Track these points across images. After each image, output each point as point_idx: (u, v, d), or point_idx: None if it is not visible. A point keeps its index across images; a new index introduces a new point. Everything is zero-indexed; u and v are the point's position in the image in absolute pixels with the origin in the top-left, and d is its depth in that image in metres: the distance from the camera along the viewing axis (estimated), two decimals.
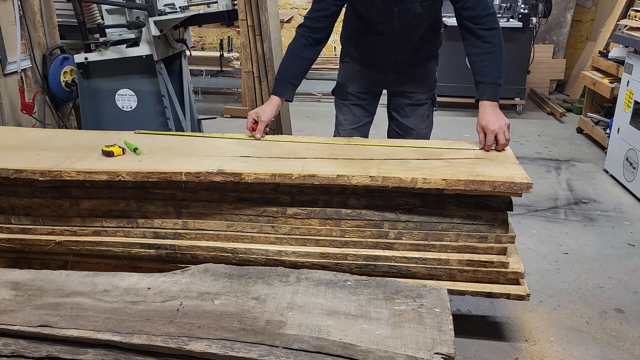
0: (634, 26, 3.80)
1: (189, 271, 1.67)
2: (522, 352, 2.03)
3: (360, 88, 2.44)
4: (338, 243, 1.87)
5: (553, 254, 2.78)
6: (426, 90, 2.42)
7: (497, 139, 2.03)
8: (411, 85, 2.40)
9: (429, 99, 2.44)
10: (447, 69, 5.52)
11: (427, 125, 2.47)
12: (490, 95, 2.07)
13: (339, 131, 2.50)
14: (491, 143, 2.03)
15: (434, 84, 2.46)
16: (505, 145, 2.05)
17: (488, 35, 2.07)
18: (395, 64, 2.36)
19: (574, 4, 6.42)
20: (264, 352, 1.31)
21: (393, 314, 1.47)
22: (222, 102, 5.94)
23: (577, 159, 4.27)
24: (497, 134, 2.02)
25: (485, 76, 2.08)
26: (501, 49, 2.09)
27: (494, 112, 2.04)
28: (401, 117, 2.45)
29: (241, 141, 2.15)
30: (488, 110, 2.04)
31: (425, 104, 2.43)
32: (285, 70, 2.23)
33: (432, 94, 2.45)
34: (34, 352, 1.37)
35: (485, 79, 2.08)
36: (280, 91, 2.22)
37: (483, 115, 2.05)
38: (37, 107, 3.22)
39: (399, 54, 2.32)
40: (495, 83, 2.07)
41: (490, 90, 2.07)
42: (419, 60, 2.38)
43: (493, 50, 2.07)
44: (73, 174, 1.84)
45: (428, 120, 2.47)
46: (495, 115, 2.04)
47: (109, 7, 3.06)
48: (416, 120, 2.44)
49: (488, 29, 2.07)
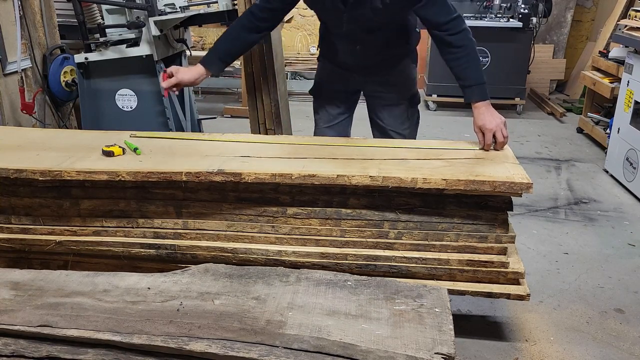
0: (634, 26, 3.80)
1: (189, 271, 1.67)
2: (522, 352, 2.03)
3: (334, 87, 2.44)
4: (338, 243, 1.87)
5: (553, 254, 2.78)
6: (401, 90, 2.38)
7: (495, 138, 2.03)
8: (384, 87, 2.37)
9: (405, 99, 2.39)
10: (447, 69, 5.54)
11: (407, 126, 2.42)
12: (478, 95, 2.05)
13: (315, 131, 2.50)
14: (490, 142, 2.03)
15: (411, 84, 2.41)
16: (504, 144, 2.05)
17: (456, 40, 2.05)
18: (364, 66, 2.33)
19: (574, 4, 6.42)
20: (264, 352, 1.31)
21: (393, 314, 1.47)
22: (222, 102, 5.94)
23: (577, 159, 4.27)
24: (494, 132, 2.02)
25: (466, 79, 2.06)
26: (472, 48, 2.06)
27: (489, 112, 2.04)
28: (378, 119, 2.43)
29: (241, 141, 2.15)
30: (482, 110, 2.04)
31: (401, 104, 2.38)
32: (219, 45, 2.26)
33: (411, 94, 2.40)
34: (34, 352, 1.37)
35: (467, 82, 2.06)
36: (208, 63, 2.23)
37: (479, 116, 2.04)
38: (37, 107, 3.22)
39: (363, 57, 2.29)
40: (478, 83, 2.05)
41: (477, 91, 2.05)
42: (389, 61, 2.34)
43: (465, 53, 2.05)
44: (73, 174, 1.84)
45: (409, 122, 2.42)
46: (491, 114, 2.03)
47: (109, 7, 3.06)
48: (394, 122, 2.40)
49: (455, 34, 2.04)
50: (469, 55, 2.06)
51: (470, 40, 2.06)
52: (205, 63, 2.23)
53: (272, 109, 3.20)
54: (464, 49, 2.05)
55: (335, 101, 2.45)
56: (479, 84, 2.05)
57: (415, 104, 2.43)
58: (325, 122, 2.47)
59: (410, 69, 2.41)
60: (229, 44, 2.25)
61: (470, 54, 2.06)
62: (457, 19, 2.05)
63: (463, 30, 2.05)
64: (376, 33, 2.21)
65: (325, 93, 2.47)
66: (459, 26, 2.05)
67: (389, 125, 2.41)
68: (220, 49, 2.25)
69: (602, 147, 4.33)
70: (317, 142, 2.14)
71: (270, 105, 3.18)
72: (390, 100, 2.39)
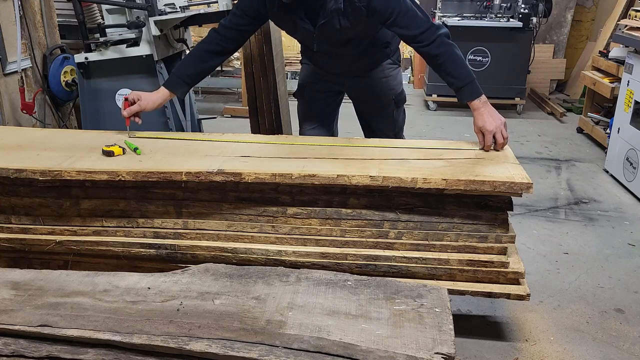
0: (634, 26, 3.79)
1: (189, 271, 1.67)
2: (522, 352, 2.03)
3: (317, 89, 2.44)
4: (338, 243, 1.87)
5: (553, 254, 2.78)
6: (384, 92, 2.37)
7: (495, 139, 2.03)
8: (366, 89, 2.37)
9: (390, 100, 2.38)
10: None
11: (394, 127, 2.42)
12: (470, 94, 2.03)
13: (300, 132, 2.50)
14: (490, 143, 2.03)
15: (394, 85, 2.40)
16: (504, 144, 2.04)
17: (432, 49, 2.03)
18: (342, 72, 2.34)
19: (574, 3, 6.42)
20: (264, 351, 1.31)
21: (393, 313, 1.47)
22: (222, 102, 5.95)
23: (578, 159, 4.27)
24: (494, 134, 2.01)
25: (453, 83, 2.04)
26: (451, 52, 2.03)
27: (488, 112, 2.02)
28: (364, 121, 2.44)
29: (241, 141, 2.15)
30: (481, 110, 2.02)
31: (386, 106, 2.38)
32: (184, 69, 2.21)
33: (395, 95, 2.39)
34: (34, 352, 1.37)
35: (455, 84, 2.04)
36: (174, 86, 2.19)
37: (478, 117, 2.03)
38: (38, 107, 3.22)
39: (340, 65, 2.29)
40: (466, 83, 2.03)
41: (467, 91, 2.03)
42: (369, 65, 2.33)
43: (444, 59, 2.03)
44: (73, 174, 1.84)
45: (395, 122, 2.42)
46: (491, 115, 2.02)
47: (109, 7, 3.06)
48: (380, 124, 2.40)
49: (429, 44, 2.02)
50: (449, 59, 2.03)
51: (446, 44, 2.03)
52: (170, 87, 2.18)
53: (272, 109, 3.21)
54: (442, 56, 2.03)
55: (318, 102, 2.45)
56: (467, 84, 2.03)
57: (400, 103, 2.42)
58: (310, 123, 2.47)
59: (391, 70, 2.39)
60: (194, 68, 2.20)
61: (451, 57, 2.03)
62: (429, 29, 2.01)
63: (437, 38, 2.01)
64: (351, 44, 2.20)
65: (308, 94, 2.47)
66: (432, 35, 2.01)
67: (376, 127, 2.43)
68: (185, 73, 2.20)
69: (602, 147, 4.33)
70: (317, 142, 2.14)
71: (270, 105, 3.18)
72: (374, 103, 2.39)
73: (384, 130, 2.41)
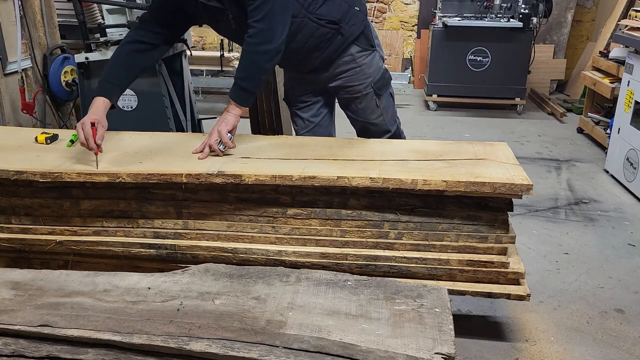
0: (634, 26, 3.79)
1: (189, 271, 1.67)
2: (522, 352, 2.03)
3: (300, 90, 2.41)
4: (338, 243, 1.87)
5: (553, 254, 2.78)
6: (359, 80, 2.28)
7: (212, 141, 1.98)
8: (341, 80, 2.29)
9: (369, 87, 2.29)
10: (447, 69, 5.54)
11: (379, 114, 2.34)
12: (233, 92, 2.02)
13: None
14: (207, 144, 1.98)
15: (370, 72, 2.29)
16: (215, 150, 1.97)
17: (245, 42, 1.98)
18: (306, 71, 2.29)
19: (574, 4, 6.42)
20: (264, 352, 1.31)
21: (393, 314, 1.47)
22: (222, 102, 5.94)
23: (578, 159, 4.27)
24: (212, 135, 1.97)
25: (237, 71, 2.01)
26: (251, 51, 1.97)
27: (223, 117, 2.03)
28: (349, 112, 2.39)
29: (241, 142, 2.15)
30: (224, 114, 2.04)
31: (366, 93, 2.30)
32: (116, 72, 2.10)
33: (373, 80, 2.29)
34: (34, 351, 1.37)
35: (236, 74, 2.02)
36: (109, 93, 2.07)
37: (219, 118, 2.02)
38: (38, 107, 3.22)
39: (296, 64, 2.25)
40: (236, 78, 2.01)
41: (232, 88, 2.02)
42: (328, 57, 2.23)
43: (244, 55, 2.00)
44: (73, 176, 1.84)
45: (379, 109, 2.34)
46: (222, 120, 2.01)
47: (109, 7, 3.06)
48: (364, 113, 2.34)
49: (248, 36, 1.96)
50: (246, 57, 1.98)
51: (253, 46, 1.95)
52: (105, 94, 2.06)
53: (272, 109, 3.21)
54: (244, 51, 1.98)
55: (306, 105, 2.42)
56: (236, 79, 2.00)
57: (380, 88, 2.32)
58: (302, 128, 2.45)
59: (364, 57, 2.27)
60: (125, 70, 2.11)
61: (248, 57, 1.97)
62: (260, 25, 1.92)
63: (254, 37, 1.94)
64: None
65: (293, 98, 2.44)
66: (255, 34, 1.93)
67: (360, 117, 2.37)
68: (117, 77, 2.10)
69: (603, 147, 4.32)
70: (317, 143, 2.14)
71: (270, 105, 3.18)
72: (352, 92, 2.31)
73: (369, 119, 2.34)
